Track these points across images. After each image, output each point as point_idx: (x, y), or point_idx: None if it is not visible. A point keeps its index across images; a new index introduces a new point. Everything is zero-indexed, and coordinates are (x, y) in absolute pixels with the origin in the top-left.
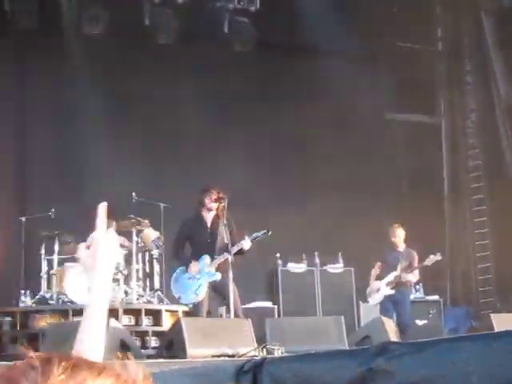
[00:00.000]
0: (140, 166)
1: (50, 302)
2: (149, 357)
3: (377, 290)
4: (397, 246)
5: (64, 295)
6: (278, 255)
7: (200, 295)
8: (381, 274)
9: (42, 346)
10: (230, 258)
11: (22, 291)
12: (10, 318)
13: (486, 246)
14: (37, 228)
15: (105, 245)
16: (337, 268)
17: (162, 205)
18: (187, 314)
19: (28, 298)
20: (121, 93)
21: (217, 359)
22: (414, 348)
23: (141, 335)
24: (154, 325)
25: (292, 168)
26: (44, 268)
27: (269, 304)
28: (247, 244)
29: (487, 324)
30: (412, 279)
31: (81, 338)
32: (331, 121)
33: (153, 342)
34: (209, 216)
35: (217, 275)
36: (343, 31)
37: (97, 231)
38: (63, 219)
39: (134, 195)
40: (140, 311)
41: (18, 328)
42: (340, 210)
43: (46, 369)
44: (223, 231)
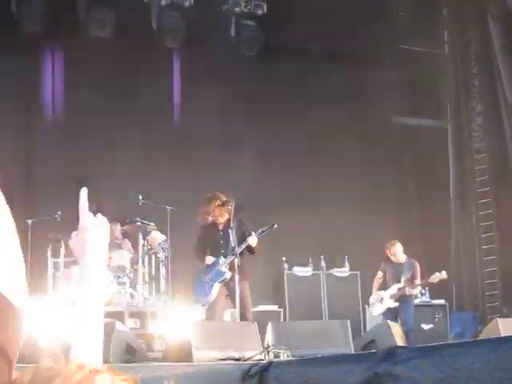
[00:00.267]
0: (146, 169)
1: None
2: (154, 360)
3: (380, 301)
4: (397, 260)
5: (70, 297)
6: (284, 259)
7: (211, 295)
8: (383, 284)
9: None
10: (237, 261)
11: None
12: None
13: (493, 251)
14: (43, 230)
15: (92, 232)
16: (343, 272)
17: (169, 208)
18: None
19: (34, 301)
20: (127, 95)
21: (223, 363)
22: (421, 353)
23: (146, 338)
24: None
25: (299, 171)
26: (50, 270)
27: (275, 307)
28: (254, 240)
29: (493, 329)
30: (416, 292)
31: (78, 336)
32: (337, 124)
33: (158, 345)
34: (221, 220)
35: (226, 274)
36: (350, 34)
37: (82, 218)
38: (69, 222)
39: (141, 198)
40: (146, 314)
41: None
42: (346, 214)
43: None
44: (232, 233)
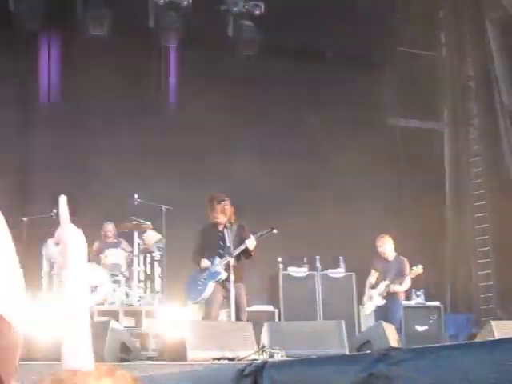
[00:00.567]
0: (142, 168)
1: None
2: (149, 359)
3: (370, 299)
4: (385, 256)
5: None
6: (280, 259)
7: (205, 292)
8: (376, 283)
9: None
10: (232, 261)
11: None
12: None
13: (488, 253)
14: (38, 228)
15: (73, 241)
16: (338, 272)
17: (164, 207)
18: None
19: (28, 299)
20: (124, 94)
21: (217, 362)
22: (415, 354)
23: (141, 337)
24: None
25: (296, 172)
26: (45, 268)
27: (269, 308)
28: (252, 243)
29: (488, 331)
30: (400, 289)
31: (67, 347)
32: (335, 125)
33: (153, 344)
34: (220, 221)
35: (222, 274)
36: (347, 36)
37: (62, 227)
38: None
39: (136, 197)
40: (141, 313)
41: None
42: (341, 214)
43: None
44: (232, 234)
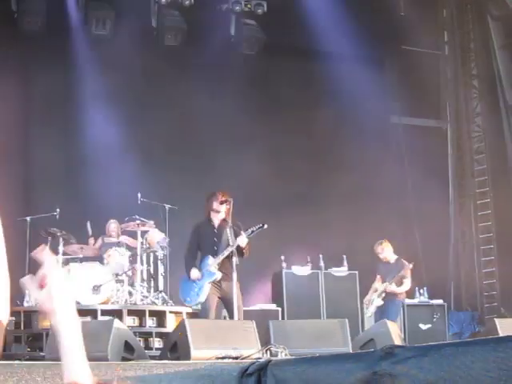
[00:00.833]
0: (146, 167)
1: None
2: (152, 358)
3: (371, 302)
4: (387, 260)
5: None
6: (283, 258)
7: (201, 296)
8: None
9: (47, 347)
10: (235, 260)
11: (26, 291)
12: (14, 318)
13: (491, 251)
14: (41, 228)
15: (57, 284)
16: (341, 271)
17: (168, 206)
18: (193, 316)
19: (32, 298)
20: (127, 94)
21: (221, 361)
22: (419, 352)
23: (145, 336)
24: (158, 326)
25: (298, 170)
26: None
27: (273, 306)
28: (243, 240)
29: (491, 329)
30: (396, 290)
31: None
32: (337, 123)
33: (156, 344)
34: (216, 219)
35: (216, 274)
36: (350, 34)
37: (47, 272)
38: (68, 219)
39: (140, 196)
40: (144, 312)
41: (22, 328)
42: (345, 213)
43: None
44: (228, 233)
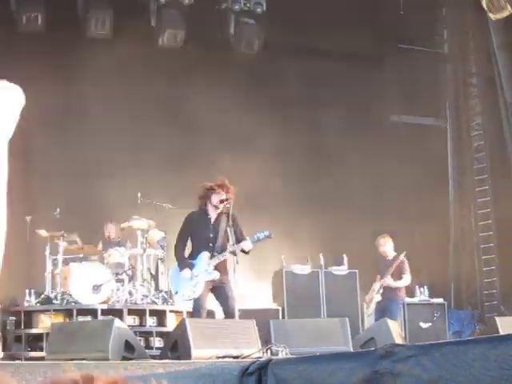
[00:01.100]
0: (145, 167)
1: (55, 302)
2: (153, 357)
3: (370, 300)
4: (386, 255)
5: (68, 295)
6: (283, 257)
7: (197, 292)
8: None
9: (47, 346)
10: (235, 259)
11: (27, 291)
12: (15, 318)
13: (491, 249)
14: (42, 228)
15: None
16: (341, 270)
17: (167, 206)
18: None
19: (32, 298)
20: (126, 94)
21: (221, 360)
22: (420, 350)
23: (145, 336)
24: (159, 325)
25: (298, 170)
26: (49, 268)
27: (273, 305)
28: (248, 245)
29: (492, 327)
30: (392, 284)
31: None
32: (337, 123)
33: (157, 343)
34: (213, 212)
35: (214, 274)
36: (349, 33)
37: None
38: (68, 219)
39: (140, 196)
40: (144, 312)
41: (23, 327)
42: (345, 212)
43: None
44: (227, 229)
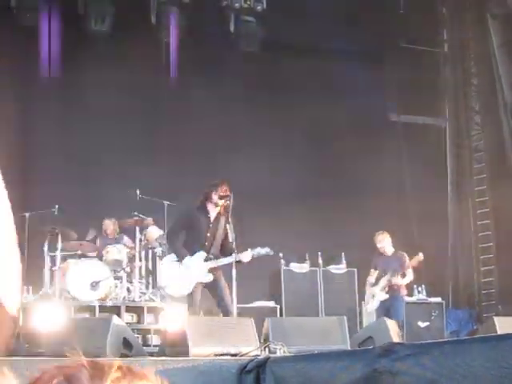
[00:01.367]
0: (145, 164)
1: (53, 299)
2: (151, 355)
3: (372, 297)
4: (384, 252)
5: (67, 291)
6: (281, 255)
7: (189, 291)
8: (376, 280)
9: (45, 343)
10: (234, 257)
11: (25, 287)
12: None
13: (490, 249)
14: (40, 224)
15: None
16: (340, 268)
17: (166, 203)
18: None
19: (31, 295)
20: (126, 90)
21: (219, 358)
22: (418, 349)
23: (143, 333)
24: (157, 322)
25: (297, 168)
26: (47, 264)
27: (271, 303)
28: (247, 257)
29: (489, 327)
30: (400, 282)
31: None
32: (337, 122)
33: (155, 340)
34: (212, 210)
35: (209, 276)
36: (349, 32)
37: None
38: (66, 215)
39: (138, 193)
40: (142, 309)
41: (21, 323)
42: (343, 211)
43: (98, 371)
44: (225, 229)
